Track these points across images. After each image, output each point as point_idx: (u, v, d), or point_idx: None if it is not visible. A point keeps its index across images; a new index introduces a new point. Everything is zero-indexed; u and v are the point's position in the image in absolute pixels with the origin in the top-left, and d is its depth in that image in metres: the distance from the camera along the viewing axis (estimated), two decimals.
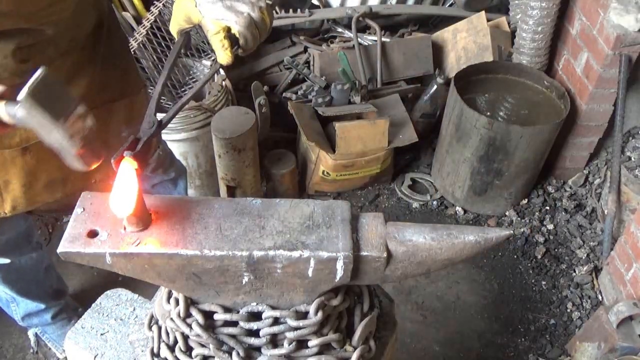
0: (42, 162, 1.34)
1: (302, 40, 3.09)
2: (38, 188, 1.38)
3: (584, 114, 2.71)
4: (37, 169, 1.35)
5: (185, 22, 1.11)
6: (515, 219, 2.82)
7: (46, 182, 1.38)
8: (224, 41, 1.06)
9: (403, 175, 3.03)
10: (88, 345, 1.22)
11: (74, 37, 1.28)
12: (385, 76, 2.98)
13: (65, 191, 1.43)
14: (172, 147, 2.45)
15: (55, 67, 1.26)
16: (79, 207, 0.95)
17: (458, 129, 2.61)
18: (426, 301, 2.48)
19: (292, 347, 1.00)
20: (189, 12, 1.08)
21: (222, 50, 1.06)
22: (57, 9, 1.14)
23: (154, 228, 0.92)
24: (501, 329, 2.40)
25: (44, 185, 1.39)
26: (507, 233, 0.96)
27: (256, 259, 0.90)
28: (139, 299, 1.33)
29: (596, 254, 2.65)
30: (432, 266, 0.97)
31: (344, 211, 0.97)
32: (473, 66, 2.76)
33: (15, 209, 1.39)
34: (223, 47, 1.06)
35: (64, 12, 1.18)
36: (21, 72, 1.16)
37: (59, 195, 1.43)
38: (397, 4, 3.25)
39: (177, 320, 1.00)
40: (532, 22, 2.65)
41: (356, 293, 1.10)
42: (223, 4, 1.05)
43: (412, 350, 2.29)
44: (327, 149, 2.59)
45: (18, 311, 1.97)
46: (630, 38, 2.40)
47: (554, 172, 3.01)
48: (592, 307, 2.47)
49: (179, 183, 2.08)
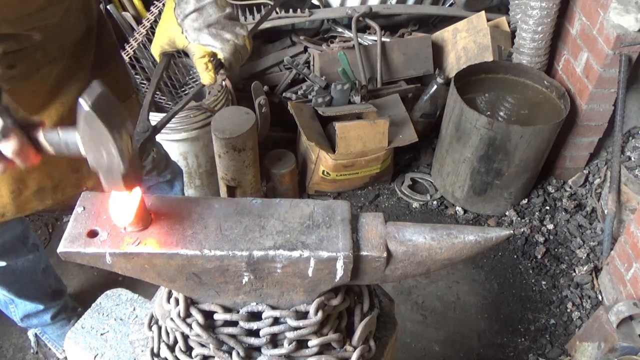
0: (31, 170, 1.32)
1: (302, 40, 3.10)
2: (27, 195, 1.36)
3: (584, 114, 2.71)
4: (26, 177, 1.33)
5: (169, 45, 1.18)
6: (515, 219, 2.82)
7: (35, 190, 1.37)
8: (208, 64, 1.14)
9: (403, 175, 3.03)
10: (88, 345, 1.22)
11: (63, 43, 1.26)
12: (385, 76, 2.99)
13: (55, 198, 1.41)
14: (172, 147, 2.45)
15: (44, 73, 1.24)
16: (79, 206, 0.95)
17: (458, 129, 2.61)
18: (426, 301, 2.48)
19: (292, 347, 1.00)
20: (174, 37, 1.15)
21: (206, 72, 1.15)
22: (44, 14, 1.13)
23: (154, 228, 0.92)
24: (501, 329, 2.40)
25: (33, 193, 1.37)
26: (507, 233, 0.96)
27: (256, 259, 0.90)
28: (139, 299, 1.33)
29: (596, 254, 2.65)
30: (432, 266, 0.97)
31: (343, 211, 0.97)
32: (473, 66, 2.76)
33: (3, 215, 1.37)
34: (208, 69, 1.15)
35: (52, 18, 1.17)
36: (8, 77, 1.15)
37: (49, 202, 1.41)
38: (397, 4, 3.25)
39: (177, 320, 1.00)
40: (532, 22, 2.65)
41: (356, 293, 1.10)
42: (209, 31, 1.13)
43: (412, 350, 2.29)
44: (327, 149, 2.59)
45: (17, 312, 1.97)
46: (630, 38, 2.40)
47: (554, 172, 3.01)
48: (592, 307, 2.47)
49: (175, 185, 2.08)
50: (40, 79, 1.25)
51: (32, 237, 1.82)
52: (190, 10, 1.14)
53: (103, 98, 0.79)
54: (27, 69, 1.21)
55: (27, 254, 1.79)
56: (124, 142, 0.82)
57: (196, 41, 1.14)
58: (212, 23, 1.14)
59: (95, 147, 0.82)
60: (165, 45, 1.18)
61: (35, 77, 1.24)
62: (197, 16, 1.14)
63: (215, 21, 1.14)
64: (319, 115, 2.67)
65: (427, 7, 3.31)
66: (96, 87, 0.80)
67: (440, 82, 2.83)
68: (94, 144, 0.81)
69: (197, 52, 1.14)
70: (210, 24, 1.14)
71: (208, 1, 1.15)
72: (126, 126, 0.84)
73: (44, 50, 1.22)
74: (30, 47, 1.18)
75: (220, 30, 1.14)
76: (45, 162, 1.24)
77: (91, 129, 0.80)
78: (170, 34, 1.16)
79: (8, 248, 1.71)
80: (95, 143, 0.81)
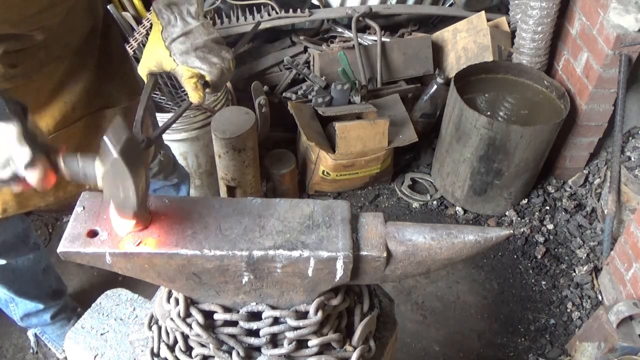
0: None
1: (302, 40, 3.10)
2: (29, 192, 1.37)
3: (584, 114, 2.71)
4: None
5: (156, 67, 1.21)
6: (515, 219, 2.82)
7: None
8: (197, 84, 1.18)
9: (403, 175, 3.03)
10: (88, 345, 1.22)
11: (67, 42, 1.27)
12: (385, 76, 2.98)
13: (57, 196, 1.42)
14: (172, 147, 2.45)
15: (47, 71, 1.24)
16: (79, 206, 0.95)
17: (458, 129, 2.61)
18: (426, 301, 2.48)
19: (292, 346, 1.00)
20: (162, 60, 1.18)
21: (195, 92, 1.18)
22: (46, 15, 1.13)
23: (154, 228, 0.92)
24: (501, 329, 2.40)
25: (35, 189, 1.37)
26: (507, 233, 0.96)
27: (256, 259, 0.90)
28: (139, 299, 1.33)
29: (596, 254, 2.65)
30: (432, 266, 0.97)
31: (343, 211, 0.97)
32: (473, 66, 2.76)
33: (5, 211, 1.38)
34: (196, 89, 1.18)
35: (55, 19, 1.17)
36: (10, 77, 1.15)
37: (51, 199, 1.42)
38: (397, 4, 3.25)
39: (177, 320, 1.00)
40: (532, 22, 2.65)
41: (356, 293, 1.10)
42: (196, 54, 1.17)
43: (412, 350, 2.29)
44: (327, 149, 2.59)
45: (17, 311, 1.97)
46: (630, 38, 2.40)
47: (554, 172, 3.01)
48: (592, 307, 2.47)
49: (181, 188, 2.07)
50: (43, 78, 1.25)
51: (33, 236, 1.82)
52: (178, 34, 1.17)
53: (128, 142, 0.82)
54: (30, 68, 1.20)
55: (28, 253, 1.79)
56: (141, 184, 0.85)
57: (184, 64, 1.16)
58: (199, 46, 1.17)
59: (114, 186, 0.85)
60: (153, 67, 1.21)
61: (38, 75, 1.24)
62: (185, 40, 1.17)
63: (202, 44, 1.18)
64: (319, 115, 2.67)
65: (427, 7, 3.31)
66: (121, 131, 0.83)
67: (440, 82, 2.83)
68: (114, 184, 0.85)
69: (185, 73, 1.17)
70: (197, 47, 1.17)
71: (195, 25, 1.18)
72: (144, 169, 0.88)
73: (47, 49, 1.22)
74: (33, 46, 1.18)
75: (208, 54, 1.18)
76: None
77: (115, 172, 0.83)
78: (157, 56, 1.19)
79: (9, 246, 1.71)
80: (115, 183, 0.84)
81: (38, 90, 1.26)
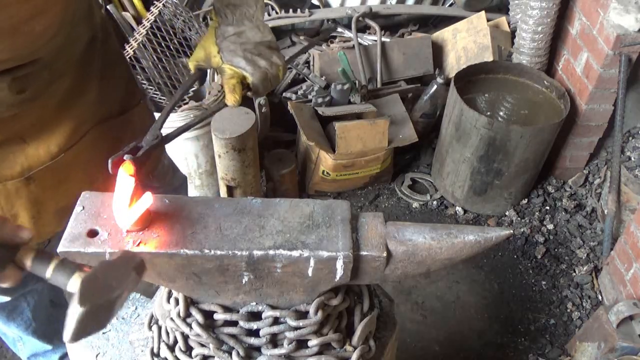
0: (48, 191, 1.27)
1: (302, 40, 3.10)
2: (47, 218, 1.31)
3: (584, 113, 2.71)
4: (44, 198, 1.28)
5: (204, 62, 1.20)
6: (515, 219, 2.82)
7: (55, 210, 1.31)
8: (236, 86, 1.16)
9: (403, 175, 3.03)
10: (90, 344, 1.22)
11: (68, 57, 1.22)
12: (385, 76, 2.99)
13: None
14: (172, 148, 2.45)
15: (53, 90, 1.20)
16: (78, 206, 0.95)
17: (458, 129, 2.61)
18: (426, 301, 2.48)
19: (292, 346, 1.00)
20: (210, 56, 1.18)
21: (231, 94, 1.16)
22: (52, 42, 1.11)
23: (154, 228, 0.92)
24: (501, 329, 2.40)
25: (53, 214, 1.31)
26: (507, 233, 0.96)
27: (256, 259, 0.90)
28: (141, 298, 1.32)
29: (596, 254, 2.65)
30: (432, 266, 0.98)
31: (343, 211, 0.97)
32: (473, 66, 2.76)
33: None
34: (234, 90, 1.16)
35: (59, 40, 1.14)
36: (18, 102, 1.12)
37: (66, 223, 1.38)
38: (397, 4, 3.26)
39: (177, 320, 1.00)
40: (532, 22, 2.65)
41: (356, 293, 1.10)
42: (244, 55, 1.15)
43: (412, 350, 2.29)
44: (327, 149, 2.59)
45: (24, 351, 1.90)
46: (630, 38, 2.40)
47: (554, 172, 3.01)
48: (592, 307, 2.47)
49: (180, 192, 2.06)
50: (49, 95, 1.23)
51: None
52: (231, 33, 1.17)
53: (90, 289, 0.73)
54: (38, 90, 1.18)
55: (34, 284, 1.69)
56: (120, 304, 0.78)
57: (229, 62, 1.15)
58: (248, 48, 1.16)
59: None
60: (202, 61, 1.21)
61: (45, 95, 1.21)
62: (236, 39, 1.16)
63: (252, 46, 1.16)
64: (319, 115, 2.67)
65: (427, 7, 3.32)
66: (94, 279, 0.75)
67: (440, 82, 2.83)
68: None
69: (228, 72, 1.16)
70: (246, 48, 1.16)
71: (248, 26, 1.17)
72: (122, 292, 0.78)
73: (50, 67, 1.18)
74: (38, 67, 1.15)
75: (256, 56, 1.16)
76: (61, 181, 1.21)
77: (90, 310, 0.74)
78: (207, 51, 1.18)
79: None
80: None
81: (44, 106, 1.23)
